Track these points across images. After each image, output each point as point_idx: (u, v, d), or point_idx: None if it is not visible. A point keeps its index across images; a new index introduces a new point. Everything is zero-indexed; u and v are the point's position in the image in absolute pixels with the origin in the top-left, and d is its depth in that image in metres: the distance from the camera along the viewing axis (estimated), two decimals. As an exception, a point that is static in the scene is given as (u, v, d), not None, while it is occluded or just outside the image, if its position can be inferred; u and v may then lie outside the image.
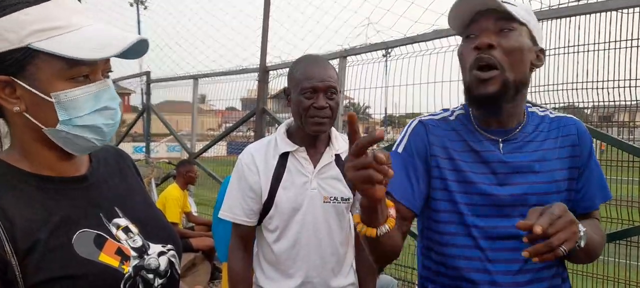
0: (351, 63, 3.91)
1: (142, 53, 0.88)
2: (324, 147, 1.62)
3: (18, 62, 0.77)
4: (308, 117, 1.51)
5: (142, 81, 6.99)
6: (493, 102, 1.14)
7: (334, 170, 1.61)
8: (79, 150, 0.86)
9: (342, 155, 1.62)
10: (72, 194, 0.86)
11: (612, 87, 2.64)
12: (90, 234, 0.83)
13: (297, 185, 1.57)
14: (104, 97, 0.83)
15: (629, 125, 2.90)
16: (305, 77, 1.51)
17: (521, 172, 1.18)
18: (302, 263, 1.59)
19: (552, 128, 1.23)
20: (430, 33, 3.23)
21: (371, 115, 6.33)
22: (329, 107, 1.51)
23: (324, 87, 1.50)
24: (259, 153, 1.60)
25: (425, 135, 1.24)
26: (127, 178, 1.02)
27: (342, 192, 1.62)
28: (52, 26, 0.77)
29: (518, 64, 1.13)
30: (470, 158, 1.20)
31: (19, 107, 0.80)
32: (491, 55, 1.11)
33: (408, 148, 1.25)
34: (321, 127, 1.53)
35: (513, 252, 1.14)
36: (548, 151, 1.20)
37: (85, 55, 0.77)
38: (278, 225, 1.58)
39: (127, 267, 0.84)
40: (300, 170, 1.58)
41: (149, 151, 7.22)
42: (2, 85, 0.79)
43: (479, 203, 1.17)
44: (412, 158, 1.23)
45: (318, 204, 1.58)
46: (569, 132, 1.22)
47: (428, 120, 1.27)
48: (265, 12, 4.53)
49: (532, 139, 1.21)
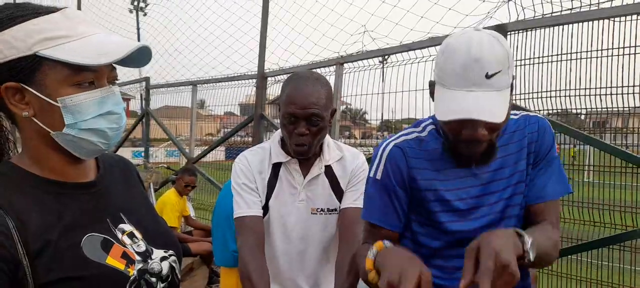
0: (348, 70, 3.95)
1: (144, 63, 0.91)
2: (315, 157, 1.61)
3: (26, 69, 0.81)
4: (290, 140, 1.51)
5: (141, 87, 7.02)
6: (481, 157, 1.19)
7: (324, 181, 1.61)
8: (86, 153, 0.89)
9: (333, 165, 1.61)
10: (81, 199, 0.89)
11: (605, 93, 2.67)
12: (97, 238, 0.86)
13: (286, 196, 1.59)
14: (109, 102, 0.86)
15: (623, 131, 2.93)
16: (289, 102, 1.47)
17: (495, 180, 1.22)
18: (288, 274, 1.61)
19: (518, 129, 1.25)
20: (426, 40, 3.27)
21: (368, 121, 6.36)
22: (310, 133, 1.48)
23: (304, 115, 1.46)
24: (254, 160, 1.61)
25: (404, 159, 1.23)
26: (132, 186, 1.05)
27: (330, 203, 1.62)
28: (59, 35, 0.81)
29: (504, 125, 1.15)
30: (447, 176, 1.22)
31: (28, 113, 0.83)
32: (482, 142, 1.12)
33: (386, 174, 1.24)
34: (301, 153, 1.51)
35: None
36: (514, 154, 1.23)
37: (89, 61, 0.81)
38: (269, 232, 1.60)
39: (132, 270, 0.87)
40: (291, 182, 1.59)
41: (148, 156, 7.23)
42: (12, 91, 0.83)
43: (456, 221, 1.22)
44: (392, 184, 1.23)
45: (305, 215, 1.59)
46: (531, 129, 1.24)
47: (403, 142, 1.26)
48: (263, 19, 4.56)
49: (502, 144, 1.22)
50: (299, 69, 4.34)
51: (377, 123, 4.86)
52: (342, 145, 1.71)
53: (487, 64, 1.04)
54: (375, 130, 6.87)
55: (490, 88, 1.05)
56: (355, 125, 7.63)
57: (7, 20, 0.81)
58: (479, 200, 1.22)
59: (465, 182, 1.22)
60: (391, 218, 1.25)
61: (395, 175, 1.23)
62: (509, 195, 1.22)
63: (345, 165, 1.64)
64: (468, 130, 1.09)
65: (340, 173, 1.63)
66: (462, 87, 1.06)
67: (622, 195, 2.70)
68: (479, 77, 1.04)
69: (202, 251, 4.62)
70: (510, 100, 1.12)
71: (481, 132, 1.08)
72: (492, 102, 1.05)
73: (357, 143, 6.28)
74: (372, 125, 6.64)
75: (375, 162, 1.27)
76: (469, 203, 1.21)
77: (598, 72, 2.68)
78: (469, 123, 1.07)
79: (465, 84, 1.06)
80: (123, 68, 0.92)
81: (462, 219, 1.22)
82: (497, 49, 1.06)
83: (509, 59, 1.08)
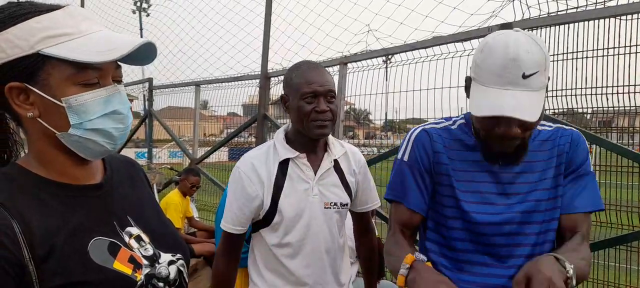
0: (352, 69, 3.93)
1: (150, 60, 0.90)
2: (322, 152, 1.63)
3: (30, 68, 0.80)
4: (310, 121, 1.52)
5: (144, 88, 7.02)
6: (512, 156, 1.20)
7: (333, 176, 1.63)
8: (92, 154, 0.88)
9: (339, 160, 1.64)
10: (87, 202, 0.88)
11: (611, 93, 2.66)
12: (104, 242, 0.85)
13: (299, 192, 1.58)
14: (114, 102, 0.85)
15: (629, 130, 2.90)
16: (305, 82, 1.52)
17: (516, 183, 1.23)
18: (305, 270, 1.60)
19: (549, 139, 1.26)
20: (430, 40, 3.25)
21: (372, 121, 6.34)
22: (330, 110, 1.53)
23: (324, 91, 1.52)
24: (258, 161, 1.59)
25: (430, 143, 1.27)
26: (139, 188, 1.04)
27: (342, 198, 1.64)
28: (61, 33, 0.80)
29: (537, 125, 1.16)
30: (471, 168, 1.24)
31: (33, 113, 0.82)
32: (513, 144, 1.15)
33: (413, 157, 1.28)
34: (324, 129, 1.54)
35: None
36: (542, 162, 1.24)
37: (92, 59, 0.79)
38: (283, 232, 1.59)
39: (140, 274, 0.86)
40: (302, 177, 1.58)
41: (151, 157, 7.24)
42: (16, 91, 0.81)
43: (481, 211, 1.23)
44: (418, 165, 1.27)
45: (319, 210, 1.59)
46: (564, 141, 1.25)
47: (431, 128, 1.30)
48: (267, 19, 4.56)
49: (530, 150, 1.23)
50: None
51: (381, 123, 4.85)
52: (340, 140, 1.74)
53: (524, 65, 1.06)
54: (379, 131, 6.86)
55: (526, 88, 1.07)
56: (359, 126, 7.61)
57: (9, 19, 0.80)
58: (493, 197, 1.23)
59: (481, 177, 1.23)
60: (416, 199, 1.28)
61: (421, 157, 1.27)
62: (535, 199, 1.22)
63: (349, 160, 1.68)
64: (502, 128, 1.11)
65: (346, 168, 1.66)
66: (498, 85, 1.08)
67: (629, 195, 2.68)
68: (516, 76, 1.07)
69: (206, 252, 4.62)
70: (544, 100, 1.13)
71: (515, 130, 1.10)
72: (527, 101, 1.07)
73: (361, 143, 6.27)
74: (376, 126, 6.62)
75: (404, 145, 1.32)
76: (477, 198, 1.23)
77: (604, 71, 2.66)
78: (503, 120, 1.10)
79: (502, 83, 1.08)
80: (126, 69, 0.91)
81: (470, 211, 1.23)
82: (535, 50, 1.08)
83: (546, 60, 1.10)
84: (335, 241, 1.64)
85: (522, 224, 1.22)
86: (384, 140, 6.39)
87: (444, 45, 3.20)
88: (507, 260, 1.22)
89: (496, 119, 1.10)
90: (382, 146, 5.92)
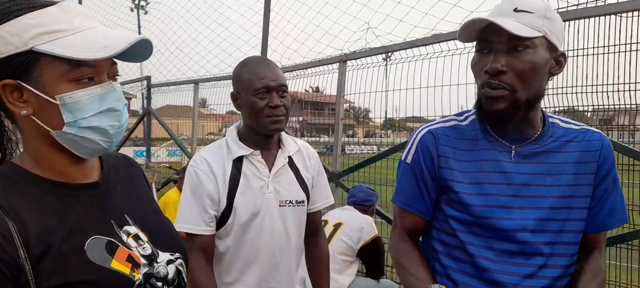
0: (351, 67, 3.93)
1: (146, 56, 0.88)
2: (276, 149, 1.60)
3: (23, 65, 0.78)
4: (265, 117, 1.49)
5: (142, 86, 7.01)
6: (502, 118, 1.13)
7: (288, 173, 1.60)
8: (87, 153, 0.86)
9: (293, 156, 1.62)
10: (84, 201, 0.87)
11: (612, 90, 2.65)
12: (102, 241, 0.84)
13: (255, 190, 1.54)
14: (109, 99, 0.83)
15: (629, 128, 2.90)
16: (256, 78, 1.49)
17: (531, 185, 1.15)
18: (258, 268, 1.55)
19: (574, 140, 1.19)
20: (430, 37, 3.24)
21: (371, 119, 6.34)
22: (283, 105, 1.51)
23: (276, 86, 1.50)
24: (213, 159, 1.54)
25: (435, 145, 1.22)
26: (137, 186, 1.03)
27: (298, 195, 1.61)
28: (55, 29, 0.78)
29: (532, 82, 1.10)
30: (480, 168, 1.18)
31: (27, 111, 0.81)
32: (500, 81, 1.09)
33: (416, 159, 1.24)
34: (279, 124, 1.52)
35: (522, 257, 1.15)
36: (565, 165, 1.16)
37: (86, 56, 0.78)
38: (236, 231, 1.53)
39: (138, 274, 0.85)
40: (257, 174, 1.54)
41: (150, 155, 7.23)
42: (10, 89, 0.80)
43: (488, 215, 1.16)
44: (421, 169, 1.23)
45: (275, 208, 1.56)
46: (592, 147, 1.18)
47: (438, 129, 1.25)
48: (266, 17, 4.54)
49: (549, 150, 1.17)
50: (301, 67, 4.32)
51: (381, 121, 4.84)
52: (293, 137, 1.72)
53: (518, 0, 1.09)
54: (379, 129, 6.85)
55: (517, 20, 1.07)
56: (359, 124, 7.61)
57: (1, 15, 0.78)
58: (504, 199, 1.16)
59: (493, 178, 1.17)
60: (419, 204, 1.25)
61: (425, 161, 1.23)
62: (550, 206, 1.14)
63: (304, 156, 1.66)
64: (488, 62, 1.10)
65: (301, 165, 1.64)
66: (490, 17, 1.10)
67: (629, 194, 2.67)
68: (507, 9, 1.09)
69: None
70: (544, 57, 1.10)
71: (500, 63, 1.08)
72: (511, 24, 1.06)
73: (360, 141, 6.26)
74: (375, 124, 6.62)
75: (408, 146, 1.28)
76: (487, 201, 1.16)
77: (604, 69, 2.66)
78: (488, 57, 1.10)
79: (492, 15, 1.10)
80: (124, 67, 0.89)
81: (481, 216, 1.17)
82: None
83: (546, 10, 1.09)
84: (290, 240, 1.59)
85: (537, 233, 1.14)
86: (383, 138, 6.37)
87: (443, 42, 3.19)
88: (521, 267, 1.15)
89: (482, 55, 1.12)
90: (382, 144, 5.91)
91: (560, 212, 1.15)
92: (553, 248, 1.15)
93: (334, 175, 3.90)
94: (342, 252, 2.86)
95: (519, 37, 1.06)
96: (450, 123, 1.26)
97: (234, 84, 1.58)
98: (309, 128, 5.84)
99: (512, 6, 1.09)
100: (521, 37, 1.06)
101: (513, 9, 1.08)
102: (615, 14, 2.53)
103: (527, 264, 1.14)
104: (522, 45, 1.08)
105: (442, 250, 1.24)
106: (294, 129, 5.39)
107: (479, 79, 1.14)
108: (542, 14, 1.09)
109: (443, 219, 1.24)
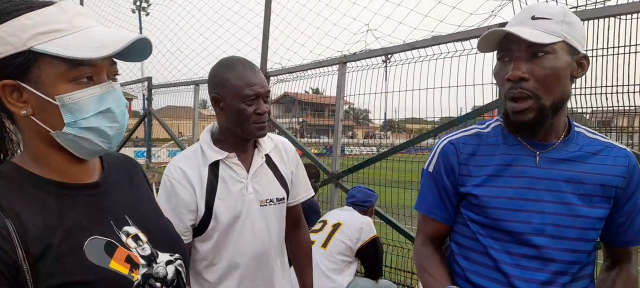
0: (351, 69, 3.93)
1: (145, 55, 0.88)
2: (252, 149, 1.60)
3: (22, 65, 0.79)
4: (252, 123, 1.49)
5: (143, 87, 7.02)
6: (531, 128, 1.14)
7: (267, 172, 1.60)
8: (87, 153, 0.86)
9: (270, 154, 1.62)
10: (84, 201, 0.87)
11: (610, 92, 2.65)
12: (101, 241, 0.84)
13: (234, 193, 1.52)
14: (109, 99, 0.83)
15: (628, 130, 2.90)
16: (246, 84, 1.48)
17: (552, 191, 1.15)
18: (241, 269, 1.54)
19: (600, 153, 1.19)
20: (430, 39, 3.25)
21: (371, 121, 6.34)
22: (268, 110, 1.53)
23: (264, 92, 1.51)
24: (187, 166, 1.51)
25: (455, 155, 1.25)
26: (138, 186, 1.03)
27: (278, 192, 1.61)
28: (54, 29, 0.78)
29: (554, 87, 1.10)
30: (505, 172, 1.19)
31: (26, 111, 0.81)
32: (523, 89, 1.10)
33: (438, 168, 1.28)
34: (264, 130, 1.53)
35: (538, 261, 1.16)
36: (588, 175, 1.16)
37: (84, 55, 0.78)
38: (218, 236, 1.51)
39: (136, 275, 0.85)
40: (235, 177, 1.53)
41: (151, 156, 7.23)
42: (9, 89, 0.80)
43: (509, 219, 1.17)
44: (442, 178, 1.27)
45: (256, 209, 1.55)
46: (618, 163, 1.18)
47: (458, 138, 1.27)
48: (266, 18, 4.55)
49: (573, 158, 1.18)
50: (301, 68, 4.33)
51: (380, 122, 4.84)
52: (269, 133, 1.70)
53: (535, 8, 1.10)
54: (379, 130, 6.86)
55: (535, 28, 1.08)
56: (358, 125, 7.62)
57: (0, 16, 0.78)
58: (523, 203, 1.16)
59: (514, 182, 1.17)
60: (441, 211, 1.29)
61: (446, 170, 1.26)
62: (569, 213, 1.15)
63: (281, 152, 1.67)
64: (509, 70, 1.11)
65: (278, 161, 1.64)
66: (507, 27, 1.11)
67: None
68: (525, 18, 1.11)
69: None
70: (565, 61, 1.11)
71: (521, 69, 1.09)
72: (530, 30, 1.08)
73: (360, 143, 6.26)
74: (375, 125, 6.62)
75: (430, 156, 1.32)
76: (508, 204, 1.17)
77: (603, 71, 2.66)
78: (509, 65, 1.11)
79: (510, 25, 1.12)
80: (125, 68, 0.90)
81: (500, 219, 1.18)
82: (552, 5, 1.13)
83: (565, 15, 1.10)
84: (272, 240, 1.59)
85: (555, 238, 1.15)
86: (383, 139, 6.38)
87: (443, 44, 3.20)
88: (538, 273, 1.15)
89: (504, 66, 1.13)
90: (381, 145, 5.92)
91: (578, 221, 1.15)
92: (570, 256, 1.15)
93: (334, 176, 3.91)
94: (340, 252, 2.87)
95: (537, 44, 1.07)
96: (472, 131, 1.29)
97: (216, 87, 1.53)
98: (308, 129, 5.86)
99: (530, 14, 1.10)
100: (540, 43, 1.07)
101: (531, 17, 1.09)
102: (614, 16, 2.54)
103: (543, 270, 1.15)
104: (542, 51, 1.08)
105: (457, 251, 1.28)
106: (294, 129, 5.41)
107: (502, 87, 1.16)
108: (561, 19, 1.10)
109: (462, 222, 1.26)
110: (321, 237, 2.93)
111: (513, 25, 1.11)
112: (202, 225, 1.51)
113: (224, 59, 1.58)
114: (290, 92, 4.78)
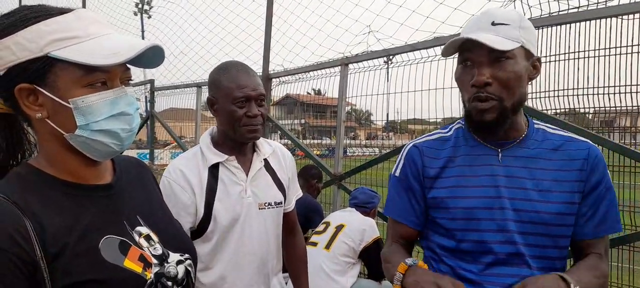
0: (353, 70, 3.94)
1: (157, 63, 0.91)
2: (251, 153, 1.61)
3: (39, 70, 0.81)
4: (243, 126, 1.50)
5: (146, 89, 7.03)
6: (492, 128, 1.18)
7: (265, 176, 1.62)
8: (99, 155, 0.89)
9: (268, 158, 1.64)
10: (98, 202, 0.90)
11: (613, 92, 2.65)
12: (115, 240, 0.86)
13: (233, 196, 1.53)
14: (121, 103, 0.86)
15: (631, 130, 2.90)
16: (237, 87, 1.49)
17: (513, 188, 1.19)
18: (240, 271, 1.55)
19: (559, 149, 1.22)
20: (431, 40, 3.25)
21: (373, 122, 6.34)
22: (261, 114, 1.52)
23: (256, 95, 1.51)
24: (187, 168, 1.52)
25: (420, 157, 1.29)
26: (148, 188, 1.05)
27: (276, 197, 1.62)
28: (70, 36, 0.82)
29: (515, 89, 1.15)
30: (468, 172, 1.23)
31: (42, 114, 0.84)
32: (488, 93, 1.14)
33: (404, 172, 1.31)
34: (256, 133, 1.53)
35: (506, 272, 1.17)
36: (545, 171, 1.19)
37: (99, 62, 0.81)
38: (217, 238, 1.52)
39: (150, 273, 0.87)
40: (234, 180, 1.54)
41: (153, 158, 7.25)
42: (26, 93, 0.83)
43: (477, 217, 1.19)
44: (408, 181, 1.30)
45: (254, 212, 1.56)
46: (578, 156, 1.20)
47: (422, 142, 1.32)
48: (268, 21, 4.56)
49: (531, 155, 1.21)
50: (304, 70, 4.33)
51: (383, 124, 4.85)
52: (267, 139, 1.73)
53: (494, 14, 1.14)
54: (381, 131, 6.85)
55: (496, 34, 1.11)
56: (361, 126, 7.62)
57: (20, 22, 0.81)
58: (489, 201, 1.19)
59: (478, 181, 1.21)
60: (409, 215, 1.31)
61: (412, 173, 1.29)
62: (534, 210, 1.16)
63: (279, 158, 1.68)
64: (474, 75, 1.14)
65: (276, 166, 1.66)
66: (468, 32, 1.14)
67: (631, 195, 2.67)
68: (485, 23, 1.14)
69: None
70: (524, 65, 1.15)
71: (485, 75, 1.13)
72: (493, 37, 1.11)
73: (362, 144, 6.26)
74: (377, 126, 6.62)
75: (397, 161, 1.35)
76: (473, 203, 1.20)
77: (605, 71, 2.66)
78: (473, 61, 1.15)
79: (471, 30, 1.15)
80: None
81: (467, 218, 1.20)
82: (509, 10, 1.15)
83: (521, 20, 1.14)
84: (270, 243, 1.61)
85: (521, 234, 1.17)
86: (385, 140, 6.38)
87: (444, 45, 3.19)
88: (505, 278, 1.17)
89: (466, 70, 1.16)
90: (383, 146, 5.92)
91: (539, 216, 1.17)
92: (537, 251, 1.18)
93: (336, 177, 3.91)
94: (344, 254, 2.87)
95: (500, 50, 1.11)
96: (434, 136, 1.33)
97: (211, 89, 1.56)
98: (311, 130, 5.86)
99: (490, 20, 1.14)
100: (502, 50, 1.11)
101: (491, 23, 1.13)
102: (616, 16, 2.54)
103: (511, 274, 1.16)
104: (504, 56, 1.13)
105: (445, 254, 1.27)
106: (296, 131, 5.41)
107: (465, 91, 1.19)
108: (518, 24, 1.14)
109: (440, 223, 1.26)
110: (324, 239, 2.93)
111: (474, 31, 1.14)
112: (201, 227, 1.51)
113: (222, 63, 1.60)
114: (293, 94, 4.79)
